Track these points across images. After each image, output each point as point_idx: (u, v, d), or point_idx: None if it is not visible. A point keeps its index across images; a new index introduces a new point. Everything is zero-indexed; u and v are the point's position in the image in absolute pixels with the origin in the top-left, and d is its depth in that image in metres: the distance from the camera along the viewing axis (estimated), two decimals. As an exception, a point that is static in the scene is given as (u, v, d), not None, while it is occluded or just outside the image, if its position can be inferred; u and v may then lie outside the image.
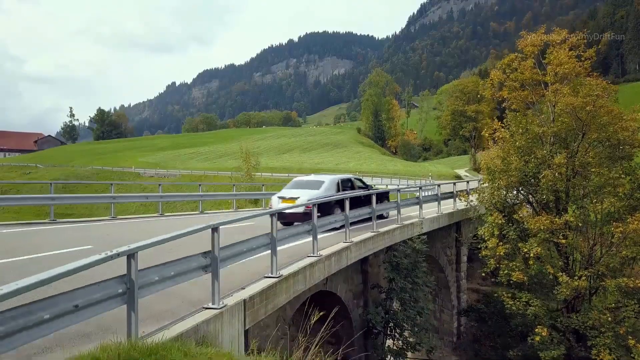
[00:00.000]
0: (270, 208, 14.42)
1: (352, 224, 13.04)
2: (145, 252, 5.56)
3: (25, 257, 9.40)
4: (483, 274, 23.89)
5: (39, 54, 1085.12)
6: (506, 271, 16.05)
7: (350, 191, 15.39)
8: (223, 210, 20.72)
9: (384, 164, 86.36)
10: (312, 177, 17.10)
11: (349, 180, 16.41)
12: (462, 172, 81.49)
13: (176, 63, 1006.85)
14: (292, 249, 10.73)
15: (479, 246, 17.78)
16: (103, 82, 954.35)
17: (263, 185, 23.06)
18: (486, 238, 16.97)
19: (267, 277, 8.53)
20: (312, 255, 10.31)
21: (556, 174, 15.51)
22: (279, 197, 15.19)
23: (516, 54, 18.93)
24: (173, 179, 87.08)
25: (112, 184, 17.35)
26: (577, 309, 16.04)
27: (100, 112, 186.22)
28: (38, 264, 8.70)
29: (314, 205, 10.45)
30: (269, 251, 8.60)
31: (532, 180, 16.67)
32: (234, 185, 21.94)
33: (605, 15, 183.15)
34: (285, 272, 8.91)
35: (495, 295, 18.98)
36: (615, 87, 16.83)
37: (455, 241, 22.87)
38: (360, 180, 17.13)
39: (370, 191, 15.37)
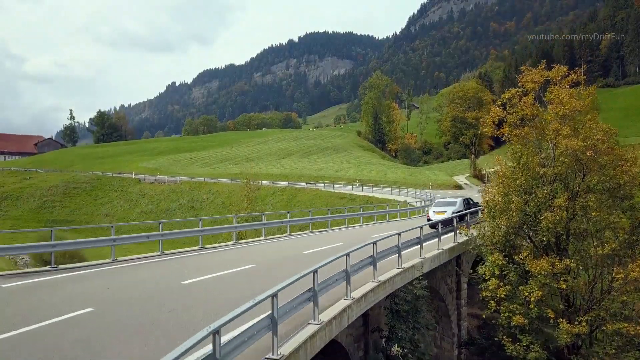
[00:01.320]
0: (428, 217, 24.87)
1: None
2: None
3: (21, 329, 9.14)
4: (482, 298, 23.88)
5: (38, 53, 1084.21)
6: (507, 313, 16.04)
7: (467, 207, 25.94)
8: (223, 244, 20.64)
9: (384, 171, 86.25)
10: (449, 199, 28.04)
11: (469, 199, 28.03)
12: (462, 179, 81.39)
13: (176, 63, 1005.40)
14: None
15: (480, 286, 17.76)
16: (103, 82, 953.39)
17: (264, 214, 23.02)
18: (486, 278, 16.96)
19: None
20: (313, 322, 10.26)
21: (557, 217, 15.50)
22: (434, 212, 25.01)
23: (516, 89, 18.89)
24: (173, 185, 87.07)
25: (112, 226, 17.28)
26: (578, 352, 16.04)
27: (100, 114, 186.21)
28: (34, 340, 8.55)
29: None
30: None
31: (532, 219, 16.66)
32: (235, 217, 21.86)
33: (606, 17, 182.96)
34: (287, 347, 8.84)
35: (493, 321, 18.92)
36: (615, 130, 16.75)
37: (455, 270, 22.85)
38: (472, 199, 28.18)
39: (477, 207, 25.45)
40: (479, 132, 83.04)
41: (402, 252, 15.62)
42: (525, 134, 17.67)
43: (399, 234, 15.32)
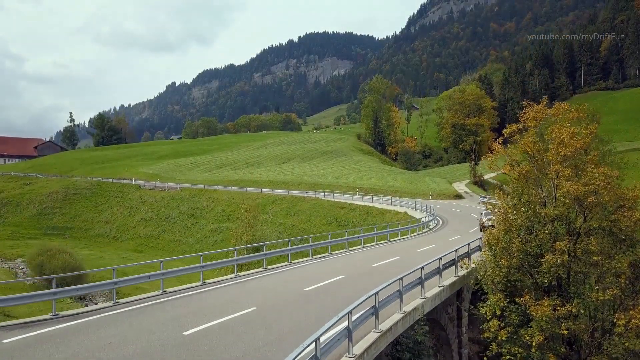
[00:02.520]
0: (482, 225, 34.07)
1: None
2: None
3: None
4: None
5: (38, 53, 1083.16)
6: (508, 356, 16.05)
7: None
8: (224, 278, 20.60)
9: (384, 178, 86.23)
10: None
11: None
12: (462, 187, 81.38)
13: (176, 63, 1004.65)
14: None
15: (481, 326, 17.76)
16: (103, 82, 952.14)
17: (264, 244, 22.98)
18: (487, 318, 16.96)
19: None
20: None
21: (558, 260, 15.50)
22: (487, 220, 32.88)
23: (517, 124, 18.88)
24: (173, 192, 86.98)
25: (114, 269, 17.23)
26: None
27: (100, 117, 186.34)
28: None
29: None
30: None
31: (534, 260, 16.66)
32: (235, 249, 21.83)
33: (606, 20, 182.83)
34: None
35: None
36: (616, 173, 16.74)
37: (456, 299, 22.85)
38: None
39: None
40: (479, 138, 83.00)
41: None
42: (526, 173, 17.65)
43: (401, 279, 15.25)
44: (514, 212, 17.73)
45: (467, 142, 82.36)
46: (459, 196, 66.80)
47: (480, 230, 34.70)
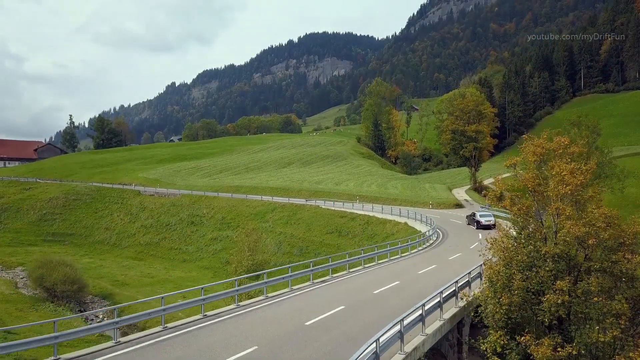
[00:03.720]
0: (480, 223, 47.62)
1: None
2: None
3: None
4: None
5: (38, 52, 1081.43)
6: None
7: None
8: (225, 309, 20.62)
9: (384, 185, 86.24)
10: (486, 212, 50.39)
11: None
12: (462, 193, 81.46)
13: (176, 63, 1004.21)
14: None
15: (481, 355, 17.77)
16: (103, 82, 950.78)
17: (264, 272, 23.00)
18: (487, 356, 17.00)
19: None
20: None
21: (559, 300, 15.53)
22: (484, 219, 47.54)
23: (517, 158, 18.89)
24: (173, 198, 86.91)
25: (115, 309, 17.21)
26: None
27: (100, 119, 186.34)
28: None
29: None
30: None
31: (534, 298, 16.69)
32: (235, 280, 21.86)
33: (605, 22, 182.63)
34: None
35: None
36: (615, 212, 16.75)
37: (457, 330, 22.86)
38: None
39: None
40: (479, 145, 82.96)
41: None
42: (526, 208, 17.67)
43: (401, 321, 15.25)
44: (515, 245, 17.76)
45: (467, 149, 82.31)
46: (459, 205, 66.80)
47: (477, 228, 47.51)
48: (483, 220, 47.16)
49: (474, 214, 50.37)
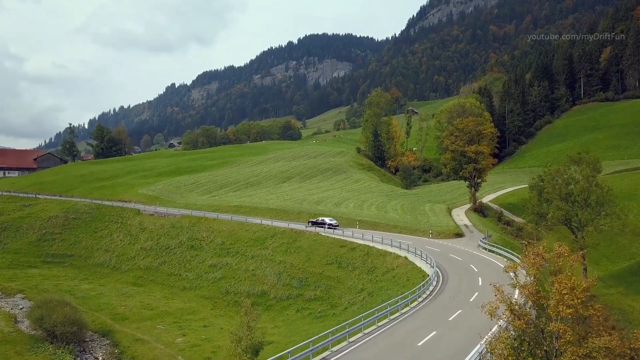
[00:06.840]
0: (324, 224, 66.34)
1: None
2: None
3: None
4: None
5: (38, 52, 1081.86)
6: None
7: None
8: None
9: (384, 206, 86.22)
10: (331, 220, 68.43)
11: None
12: (462, 216, 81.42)
13: (176, 64, 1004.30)
14: None
15: None
16: (102, 82, 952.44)
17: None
18: None
19: None
20: None
21: None
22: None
23: (517, 264, 18.82)
24: (173, 219, 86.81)
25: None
26: None
27: (99, 128, 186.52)
28: None
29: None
30: None
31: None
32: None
33: (605, 29, 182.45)
34: None
35: None
36: (616, 339, 16.69)
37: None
38: None
39: None
40: (479, 166, 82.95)
41: None
42: (528, 321, 17.63)
43: None
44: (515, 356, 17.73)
45: (467, 170, 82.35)
46: (459, 234, 66.72)
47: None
48: (327, 220, 69.57)
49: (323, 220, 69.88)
